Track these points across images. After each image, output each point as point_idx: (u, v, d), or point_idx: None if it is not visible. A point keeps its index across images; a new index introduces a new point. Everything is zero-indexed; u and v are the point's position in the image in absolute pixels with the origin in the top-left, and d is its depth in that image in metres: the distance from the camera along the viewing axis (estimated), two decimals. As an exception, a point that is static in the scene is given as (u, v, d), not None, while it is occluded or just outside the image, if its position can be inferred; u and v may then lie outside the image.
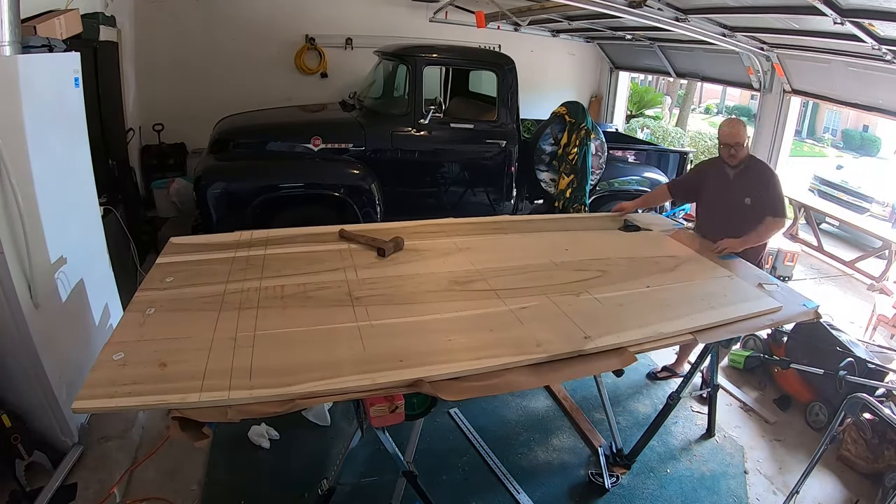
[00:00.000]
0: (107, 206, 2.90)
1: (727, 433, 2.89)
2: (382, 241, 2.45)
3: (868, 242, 5.90)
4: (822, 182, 8.19)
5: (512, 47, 5.84)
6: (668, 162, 4.89)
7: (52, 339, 2.16)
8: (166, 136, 5.41)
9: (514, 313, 1.95)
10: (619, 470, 2.52)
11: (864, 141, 17.03)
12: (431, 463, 2.43)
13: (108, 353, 1.55)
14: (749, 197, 2.77)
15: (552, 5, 4.78)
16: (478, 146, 4.26)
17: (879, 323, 3.79)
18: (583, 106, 4.28)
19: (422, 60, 4.04)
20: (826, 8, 3.10)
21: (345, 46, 6.06)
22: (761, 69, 5.08)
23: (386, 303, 1.98)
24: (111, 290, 2.85)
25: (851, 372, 2.71)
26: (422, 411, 1.73)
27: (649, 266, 2.51)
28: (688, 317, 2.03)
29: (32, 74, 2.06)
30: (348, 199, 3.80)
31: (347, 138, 3.95)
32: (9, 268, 1.92)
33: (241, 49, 5.63)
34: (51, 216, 2.17)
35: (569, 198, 4.18)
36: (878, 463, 2.55)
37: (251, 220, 3.54)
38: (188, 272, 2.12)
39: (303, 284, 2.07)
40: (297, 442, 2.58)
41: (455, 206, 4.32)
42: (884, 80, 3.97)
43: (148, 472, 2.32)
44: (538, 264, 2.42)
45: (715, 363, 2.75)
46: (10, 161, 1.87)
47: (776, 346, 3.32)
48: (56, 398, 2.16)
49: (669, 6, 4.10)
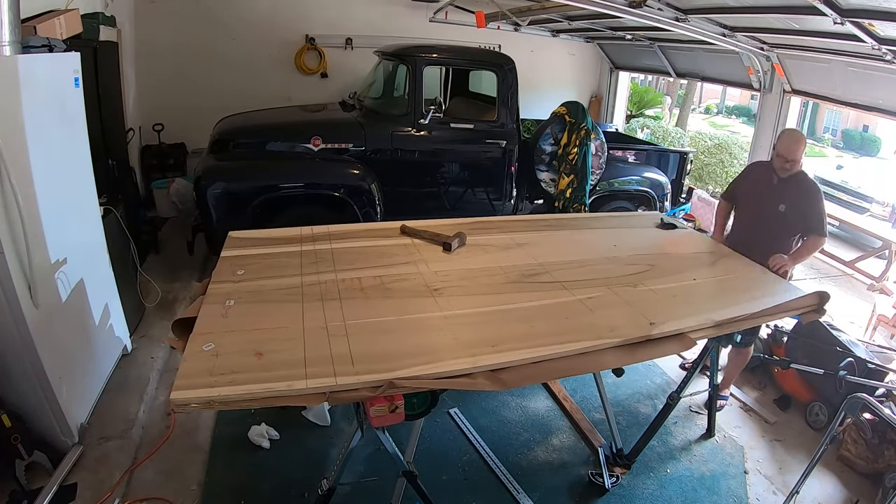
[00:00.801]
0: (107, 206, 2.89)
1: (727, 433, 2.89)
2: (446, 236, 2.53)
3: (868, 242, 5.90)
4: (822, 182, 8.18)
5: (512, 47, 5.85)
6: (668, 162, 4.89)
7: (52, 339, 2.16)
8: (166, 136, 5.42)
9: (583, 303, 2.07)
10: (619, 470, 2.52)
11: (864, 141, 17.02)
12: (431, 463, 2.44)
13: (196, 344, 1.59)
14: (784, 204, 2.72)
15: (552, 5, 4.78)
16: (478, 146, 4.26)
17: (879, 323, 3.79)
18: (583, 106, 4.28)
19: (422, 60, 4.04)
20: (826, 8, 3.10)
21: (345, 46, 6.06)
22: (761, 69, 5.08)
23: (465, 294, 2.08)
24: (111, 290, 2.85)
25: (851, 372, 2.71)
26: (422, 411, 1.72)
27: (692, 260, 2.67)
28: (736, 305, 2.16)
29: (32, 74, 2.06)
30: (348, 199, 3.80)
31: (347, 138, 3.95)
32: (9, 268, 1.92)
33: (241, 49, 5.64)
34: (51, 216, 2.17)
35: (569, 198, 4.18)
36: (878, 463, 2.55)
37: (251, 220, 3.54)
38: (258, 265, 2.19)
39: (379, 277, 2.16)
40: (297, 442, 2.58)
41: (455, 206, 4.32)
42: (884, 80, 3.97)
43: (148, 472, 2.32)
44: (593, 259, 2.55)
45: (715, 363, 2.75)
46: (10, 161, 1.86)
47: (776, 346, 3.32)
48: (56, 398, 2.16)
49: (669, 6, 4.10)
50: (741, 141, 8.30)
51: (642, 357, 1.90)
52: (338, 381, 1.48)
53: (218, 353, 1.55)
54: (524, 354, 1.69)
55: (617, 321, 1.94)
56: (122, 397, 2.67)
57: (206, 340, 1.61)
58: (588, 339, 1.81)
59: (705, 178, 8.16)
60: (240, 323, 1.74)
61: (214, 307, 1.83)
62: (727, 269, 2.59)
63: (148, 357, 3.03)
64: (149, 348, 3.10)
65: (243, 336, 1.66)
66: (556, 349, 1.73)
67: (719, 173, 8.07)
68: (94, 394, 2.57)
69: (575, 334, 1.83)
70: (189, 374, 1.45)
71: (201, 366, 1.49)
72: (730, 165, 8.00)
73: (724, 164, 8.07)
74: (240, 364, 1.51)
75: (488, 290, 2.14)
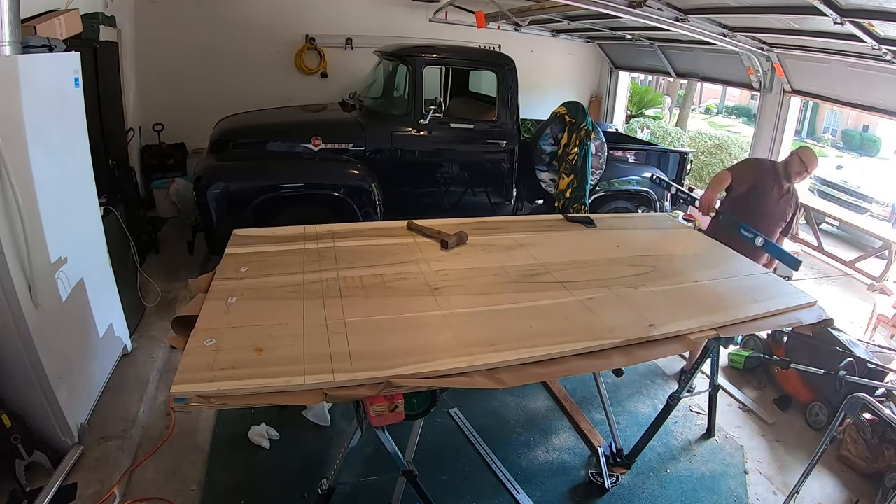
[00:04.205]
0: (107, 206, 2.89)
1: (727, 433, 2.89)
2: (447, 234, 2.54)
3: (868, 242, 5.90)
4: (822, 182, 8.20)
5: (512, 47, 5.85)
6: (668, 162, 4.88)
7: (52, 338, 2.16)
8: (166, 136, 5.41)
9: (583, 303, 2.07)
10: (619, 470, 2.52)
11: (864, 141, 17.01)
12: (431, 463, 2.43)
13: (198, 340, 1.60)
14: (791, 210, 3.10)
15: (552, 5, 4.78)
16: (478, 146, 4.25)
17: (879, 323, 3.79)
18: (583, 106, 4.28)
19: (422, 60, 4.04)
20: (826, 8, 3.10)
21: (345, 46, 6.06)
22: (761, 69, 5.08)
23: (465, 293, 2.08)
24: (111, 290, 2.85)
25: (851, 372, 2.71)
26: (422, 411, 1.72)
27: (695, 262, 2.67)
28: (737, 308, 2.17)
29: (32, 74, 2.06)
30: (348, 199, 3.79)
31: (347, 138, 3.95)
32: (9, 268, 1.92)
33: (242, 49, 5.64)
34: (51, 216, 2.17)
35: (569, 198, 4.18)
36: (878, 463, 2.55)
37: (251, 220, 3.53)
38: (261, 262, 2.21)
39: (380, 275, 2.17)
40: (297, 442, 2.58)
41: (455, 206, 4.31)
42: (884, 80, 3.97)
43: (148, 472, 2.32)
44: (595, 259, 2.55)
45: (715, 363, 2.75)
46: (11, 161, 1.87)
47: (776, 346, 3.32)
48: (56, 398, 2.16)
49: (669, 6, 4.10)
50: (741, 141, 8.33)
51: (642, 358, 1.90)
52: (335, 377, 1.48)
53: (219, 349, 1.56)
54: (522, 354, 1.69)
55: (616, 322, 1.94)
56: (122, 397, 2.67)
57: (207, 336, 1.62)
58: (587, 339, 1.81)
59: (705, 178, 8.18)
60: (241, 319, 1.75)
61: (217, 303, 1.84)
62: (730, 270, 2.59)
63: (148, 357, 3.03)
64: (149, 348, 3.10)
65: (244, 332, 1.67)
66: (554, 349, 1.74)
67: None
68: (94, 394, 2.57)
69: (573, 335, 1.83)
70: (189, 369, 1.46)
71: (202, 361, 1.50)
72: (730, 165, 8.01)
73: (724, 164, 8.10)
74: (239, 360, 1.52)
75: (488, 290, 2.14)
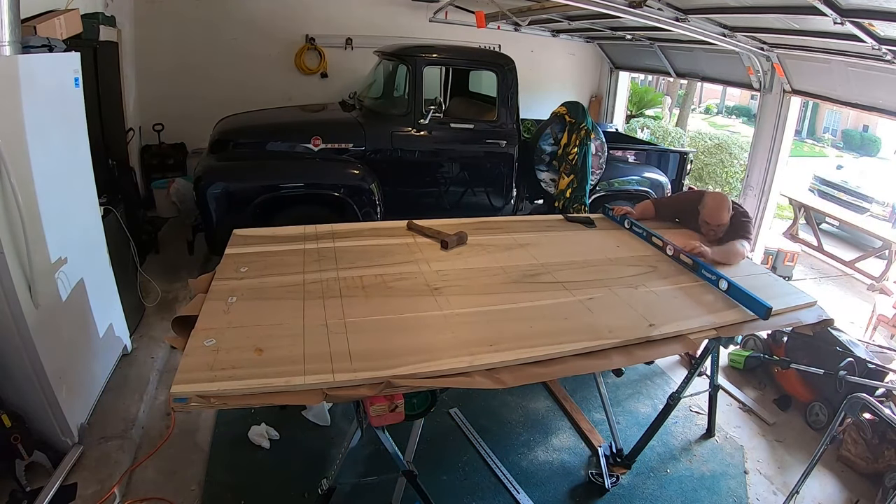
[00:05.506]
0: (107, 206, 2.89)
1: (727, 433, 2.89)
2: (447, 234, 2.54)
3: (868, 242, 5.90)
4: (822, 182, 8.20)
5: (512, 47, 5.84)
6: (668, 162, 4.88)
7: (52, 339, 2.16)
8: (166, 136, 5.41)
9: (583, 303, 2.08)
10: (619, 470, 2.52)
11: (864, 141, 17.02)
12: (431, 463, 2.43)
13: (198, 340, 1.60)
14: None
15: (552, 5, 4.77)
16: (478, 146, 4.25)
17: (879, 323, 3.79)
18: (583, 106, 4.28)
19: (422, 60, 4.03)
20: (826, 8, 3.10)
21: (345, 46, 6.05)
22: (761, 69, 5.08)
23: (465, 293, 2.09)
24: (111, 290, 2.85)
25: (851, 372, 2.71)
26: (422, 411, 1.72)
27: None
28: (737, 308, 2.17)
29: (32, 74, 2.06)
30: (348, 199, 3.79)
31: (347, 138, 3.94)
32: (9, 268, 1.92)
33: (241, 49, 5.63)
34: (51, 216, 2.17)
35: (569, 198, 4.17)
36: (878, 463, 2.55)
37: (251, 220, 3.53)
38: (260, 263, 2.21)
39: (380, 276, 2.17)
40: (297, 442, 2.58)
41: (455, 206, 4.31)
42: (884, 80, 3.96)
43: (148, 472, 2.32)
44: (595, 259, 2.56)
45: (715, 363, 2.75)
46: (10, 161, 1.86)
47: (776, 346, 3.32)
48: (56, 398, 2.16)
49: (669, 6, 4.09)
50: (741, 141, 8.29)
51: (642, 358, 1.90)
52: (335, 377, 1.49)
53: (219, 349, 1.56)
54: (522, 354, 1.70)
55: (616, 322, 1.95)
56: (122, 397, 2.67)
57: (207, 336, 1.62)
58: (587, 339, 1.82)
59: (705, 178, 8.17)
60: (241, 319, 1.75)
61: (217, 304, 1.84)
62: (732, 272, 2.56)
63: (148, 357, 3.03)
64: (149, 348, 3.10)
65: (244, 332, 1.67)
66: (554, 349, 1.75)
67: (719, 173, 8.08)
68: (94, 394, 2.57)
69: (574, 335, 1.84)
70: (189, 369, 1.46)
71: (202, 361, 1.50)
72: (730, 165, 8.01)
73: (724, 164, 8.07)
74: (239, 360, 1.52)
75: (488, 290, 2.14)
